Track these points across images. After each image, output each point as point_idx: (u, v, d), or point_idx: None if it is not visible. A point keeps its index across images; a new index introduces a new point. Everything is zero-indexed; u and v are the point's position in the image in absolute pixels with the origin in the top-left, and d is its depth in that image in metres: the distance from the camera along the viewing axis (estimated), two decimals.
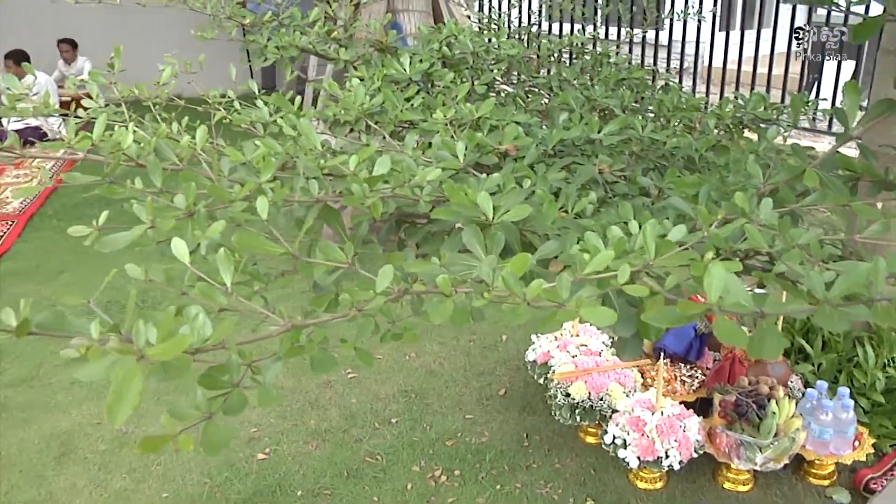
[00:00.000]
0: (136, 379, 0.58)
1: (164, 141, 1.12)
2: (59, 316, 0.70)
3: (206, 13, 2.29)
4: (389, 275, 0.80)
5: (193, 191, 0.94)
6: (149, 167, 1.03)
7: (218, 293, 0.77)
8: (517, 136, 1.55)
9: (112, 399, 0.58)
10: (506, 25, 2.91)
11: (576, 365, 3.27)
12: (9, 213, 6.64)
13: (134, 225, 1.00)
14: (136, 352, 0.60)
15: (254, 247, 0.84)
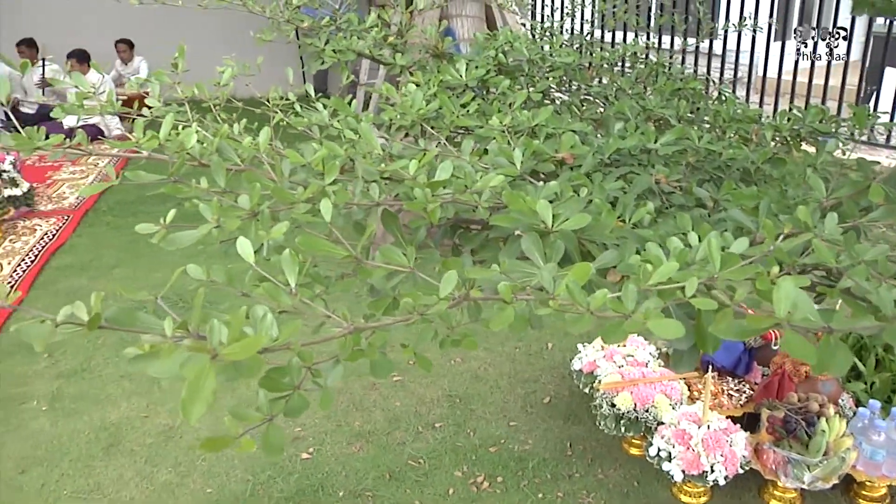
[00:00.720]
0: (210, 377, 0.59)
1: (225, 141, 1.14)
2: (128, 312, 0.72)
3: (266, 16, 2.32)
4: (453, 281, 0.80)
5: (258, 191, 0.95)
6: (213, 167, 1.04)
7: (283, 294, 0.78)
8: (574, 144, 1.54)
9: (187, 396, 0.59)
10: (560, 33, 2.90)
11: (622, 375, 3.25)
12: (65, 208, 6.80)
13: (188, 222, 1.01)
14: (210, 350, 0.60)
15: (317, 249, 0.85)
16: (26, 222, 6.42)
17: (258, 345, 0.60)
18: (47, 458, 3.37)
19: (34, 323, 0.71)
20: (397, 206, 1.09)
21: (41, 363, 4.17)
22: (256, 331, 0.67)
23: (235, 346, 0.59)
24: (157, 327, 0.69)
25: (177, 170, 1.05)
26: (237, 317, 0.64)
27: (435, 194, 1.03)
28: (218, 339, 0.62)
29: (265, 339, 0.61)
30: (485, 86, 2.07)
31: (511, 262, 0.96)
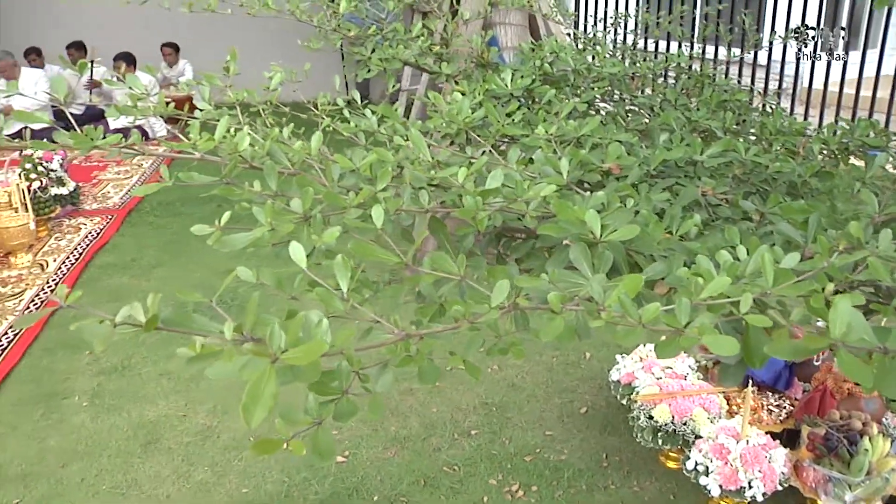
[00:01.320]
0: (271, 382, 0.60)
1: (275, 145, 1.15)
2: (183, 313, 0.73)
3: (313, 24, 2.34)
4: (505, 290, 0.80)
5: (311, 196, 0.96)
6: (265, 171, 1.06)
7: (335, 299, 0.79)
8: (620, 154, 1.54)
9: (248, 400, 0.59)
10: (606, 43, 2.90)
11: (660, 387, 3.22)
12: (109, 207, 6.91)
13: (235, 224, 1.03)
14: (270, 355, 0.61)
15: (369, 255, 0.86)
16: (71, 221, 6.54)
17: (320, 351, 0.60)
18: (87, 453, 3.43)
19: (93, 323, 0.73)
20: (444, 213, 1.09)
21: (83, 360, 4.24)
22: (311, 335, 0.67)
23: (297, 351, 0.60)
24: (211, 329, 0.70)
25: (230, 172, 1.06)
26: (295, 322, 0.64)
27: (486, 203, 1.03)
28: (278, 343, 0.63)
29: (326, 346, 0.62)
30: (530, 95, 2.07)
31: (560, 272, 0.96)
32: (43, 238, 6.08)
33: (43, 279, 5.32)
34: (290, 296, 0.93)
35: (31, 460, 3.39)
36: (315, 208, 0.97)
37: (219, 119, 1.35)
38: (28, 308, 4.88)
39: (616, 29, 4.34)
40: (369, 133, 1.64)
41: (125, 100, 5.56)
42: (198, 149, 1.06)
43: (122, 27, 10.51)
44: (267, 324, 0.70)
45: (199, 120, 1.30)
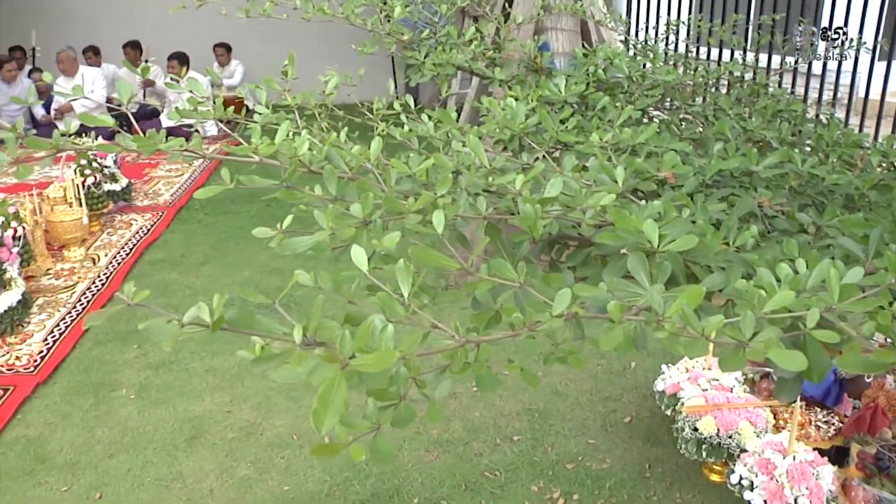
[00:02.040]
0: (342, 387, 0.60)
1: (333, 150, 1.16)
2: (247, 315, 0.74)
3: (367, 29, 2.36)
4: (567, 298, 0.80)
5: (371, 200, 0.97)
6: (325, 175, 1.07)
7: (397, 304, 0.80)
8: (675, 163, 1.53)
9: (318, 405, 0.60)
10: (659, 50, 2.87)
11: (706, 399, 3.18)
12: (160, 204, 7.03)
13: (270, 225, 1.04)
14: (341, 360, 0.62)
15: (429, 260, 0.86)
16: (123, 216, 6.67)
17: (391, 359, 0.61)
18: (133, 445, 3.49)
19: (161, 322, 0.74)
20: (499, 219, 1.09)
21: (131, 353, 4.31)
22: (377, 341, 0.68)
23: (367, 358, 0.60)
24: (275, 331, 0.71)
25: (290, 176, 1.07)
26: (363, 327, 0.65)
27: (545, 210, 1.03)
28: (348, 348, 0.63)
29: (397, 355, 0.62)
30: (584, 102, 2.06)
31: (616, 281, 0.95)
32: (95, 233, 6.21)
33: (94, 273, 5.43)
34: (347, 299, 0.94)
35: (79, 449, 3.46)
36: (375, 213, 0.97)
37: (277, 123, 1.37)
38: (79, 300, 4.97)
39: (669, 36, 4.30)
40: (422, 137, 1.64)
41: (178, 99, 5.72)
42: (258, 153, 1.08)
43: (177, 27, 10.70)
44: (329, 328, 0.71)
45: (258, 123, 1.32)
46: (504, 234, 1.16)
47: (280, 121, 1.35)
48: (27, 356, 4.25)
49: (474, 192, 1.13)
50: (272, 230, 0.98)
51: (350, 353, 0.63)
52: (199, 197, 1.09)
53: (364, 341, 0.64)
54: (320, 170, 1.12)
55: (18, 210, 5.04)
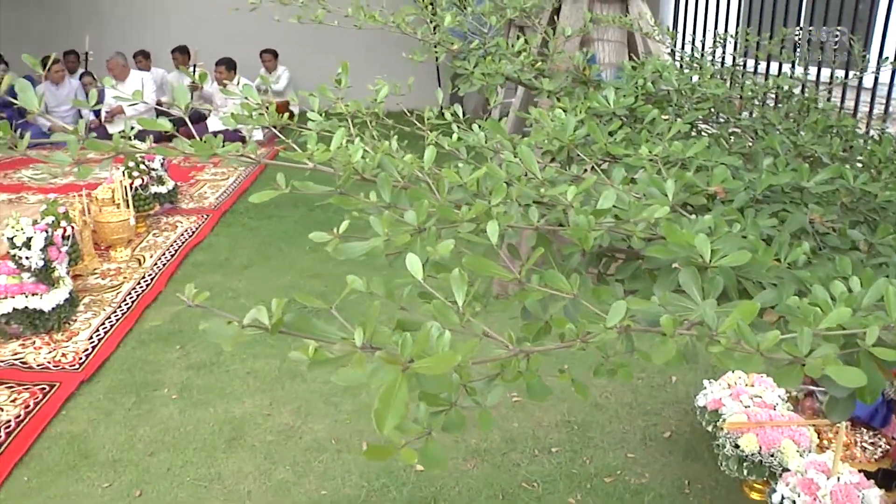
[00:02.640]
0: (402, 389, 0.61)
1: (386, 158, 1.17)
2: (304, 319, 0.75)
3: (417, 38, 2.37)
4: (622, 311, 0.80)
5: (426, 208, 0.98)
6: (378, 183, 1.08)
7: (451, 312, 0.80)
8: (725, 178, 1.52)
9: (380, 406, 0.61)
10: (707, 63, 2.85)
11: (748, 416, 3.15)
12: (205, 207, 7.13)
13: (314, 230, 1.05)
14: (402, 363, 0.63)
15: (483, 269, 0.87)
16: (169, 218, 6.77)
17: (451, 363, 0.61)
18: (174, 444, 3.53)
19: (221, 323, 0.76)
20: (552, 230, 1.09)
21: (174, 353, 4.37)
22: (434, 347, 0.68)
23: (428, 361, 0.61)
24: (331, 335, 0.72)
25: (344, 183, 1.09)
26: (423, 333, 0.66)
27: (597, 223, 1.03)
28: (409, 352, 0.64)
29: (457, 358, 0.63)
30: (632, 114, 2.06)
31: (669, 296, 0.95)
32: (141, 234, 6.31)
33: (140, 273, 5.51)
34: (399, 306, 0.95)
35: (121, 447, 3.51)
36: (429, 221, 0.98)
37: (330, 130, 1.39)
38: (124, 300, 5.06)
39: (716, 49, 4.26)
40: (471, 147, 1.65)
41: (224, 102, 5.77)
42: (314, 159, 1.09)
43: (225, 32, 10.87)
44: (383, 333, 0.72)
45: (312, 131, 1.33)
46: (554, 246, 1.16)
47: (333, 128, 1.37)
48: (73, 353, 4.34)
49: (525, 202, 1.13)
50: (328, 235, 1.00)
51: (409, 356, 0.64)
52: (254, 201, 1.11)
53: (423, 346, 0.65)
54: (373, 177, 1.13)
55: (68, 210, 5.14)
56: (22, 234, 4.59)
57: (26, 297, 4.53)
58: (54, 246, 4.73)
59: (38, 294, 4.57)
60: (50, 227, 4.75)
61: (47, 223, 4.77)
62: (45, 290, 4.62)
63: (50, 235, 4.71)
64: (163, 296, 5.18)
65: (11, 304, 4.49)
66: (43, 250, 4.63)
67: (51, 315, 4.59)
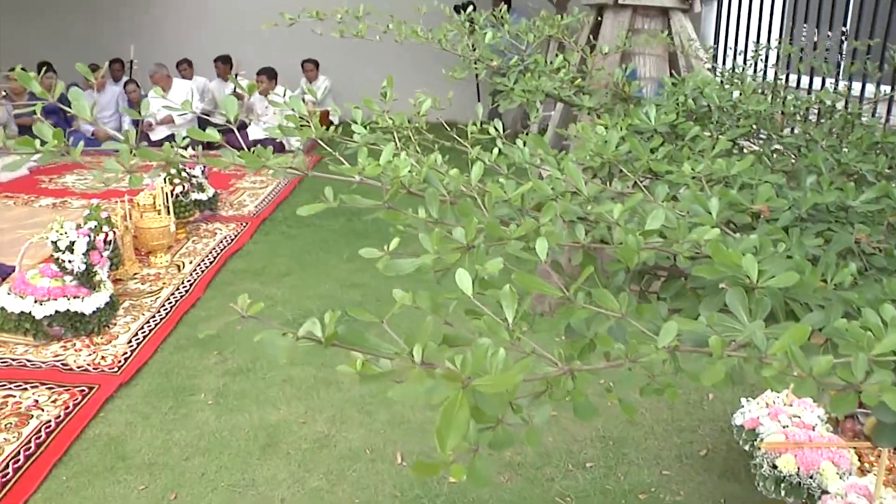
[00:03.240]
0: (464, 407, 0.61)
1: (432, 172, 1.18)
2: (357, 332, 0.76)
3: (458, 54, 2.39)
4: (673, 331, 0.80)
5: (474, 225, 0.98)
6: (426, 198, 1.09)
7: (501, 329, 0.81)
8: (770, 196, 1.51)
9: (442, 425, 0.61)
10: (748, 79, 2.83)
11: (786, 436, 3.10)
12: (244, 215, 7.20)
13: (351, 240, 1.06)
14: (463, 382, 0.63)
15: (532, 287, 0.87)
16: (208, 225, 6.85)
17: (513, 381, 0.62)
18: (209, 449, 3.56)
19: (276, 335, 0.77)
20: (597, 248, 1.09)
21: (211, 359, 4.41)
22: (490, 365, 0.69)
23: (490, 379, 0.62)
24: (383, 349, 0.73)
25: (392, 197, 1.10)
26: (480, 350, 0.66)
27: (647, 242, 1.03)
28: (469, 370, 0.64)
29: (519, 377, 0.63)
30: (673, 131, 2.05)
31: (714, 316, 0.95)
32: (181, 240, 6.39)
33: (179, 279, 5.58)
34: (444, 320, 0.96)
35: (157, 450, 3.55)
36: (477, 238, 0.99)
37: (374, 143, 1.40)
38: (163, 305, 5.12)
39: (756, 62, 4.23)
40: (512, 162, 1.65)
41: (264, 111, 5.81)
42: (364, 174, 1.10)
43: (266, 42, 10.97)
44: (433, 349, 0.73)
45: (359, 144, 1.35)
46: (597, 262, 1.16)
47: (378, 141, 1.38)
48: (112, 357, 4.39)
49: (569, 218, 1.13)
50: (377, 251, 1.01)
51: (469, 374, 0.64)
52: (302, 213, 1.13)
53: (480, 364, 0.65)
54: (419, 191, 1.14)
55: (110, 215, 5.22)
56: (65, 238, 4.67)
57: (68, 299, 4.61)
58: (96, 250, 4.81)
59: (79, 297, 4.65)
60: (92, 232, 4.82)
61: (90, 228, 4.85)
62: (87, 294, 4.69)
63: (92, 240, 4.78)
64: (201, 302, 5.23)
65: (54, 306, 4.57)
66: (85, 254, 4.71)
67: (91, 318, 4.67)
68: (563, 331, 1.02)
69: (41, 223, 6.20)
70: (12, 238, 6.29)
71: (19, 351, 4.49)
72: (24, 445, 3.52)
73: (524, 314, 0.86)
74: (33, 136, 1.11)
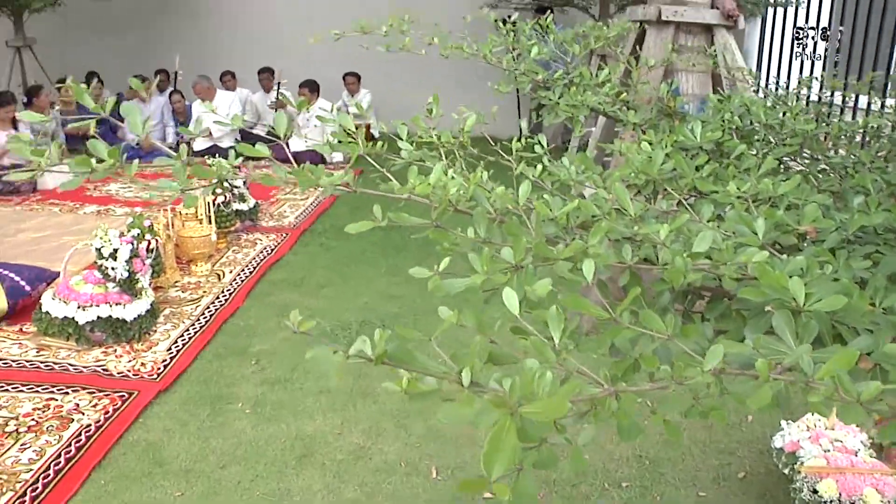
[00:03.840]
0: (511, 434, 0.62)
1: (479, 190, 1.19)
2: (406, 351, 0.76)
3: (503, 68, 2.40)
4: (719, 354, 0.80)
5: (523, 245, 0.99)
6: (475, 217, 1.09)
7: (548, 349, 0.81)
8: (817, 217, 1.49)
9: (489, 450, 0.62)
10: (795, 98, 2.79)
11: (827, 461, 3.05)
12: (284, 226, 7.27)
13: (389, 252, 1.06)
14: (511, 408, 0.63)
15: (579, 308, 0.87)
16: (249, 236, 6.92)
17: (563, 409, 0.62)
18: (245, 458, 3.58)
19: (328, 352, 0.78)
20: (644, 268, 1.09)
21: (249, 368, 4.45)
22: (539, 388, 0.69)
23: (539, 405, 0.62)
24: (432, 368, 0.74)
25: (440, 216, 1.10)
26: (528, 375, 0.67)
27: (695, 264, 1.03)
28: (517, 396, 0.65)
29: (567, 406, 0.63)
30: (719, 149, 2.04)
31: (761, 338, 0.94)
32: (221, 250, 6.46)
33: (218, 288, 5.64)
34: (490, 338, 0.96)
35: (194, 457, 3.58)
36: (525, 258, 0.99)
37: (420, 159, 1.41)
38: (203, 314, 5.17)
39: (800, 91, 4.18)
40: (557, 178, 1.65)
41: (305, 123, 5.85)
42: (414, 193, 1.11)
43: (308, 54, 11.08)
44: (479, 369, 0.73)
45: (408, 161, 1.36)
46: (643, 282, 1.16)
47: (424, 157, 1.39)
48: (151, 363, 4.45)
49: (615, 237, 1.13)
50: (427, 271, 1.01)
51: (517, 399, 0.65)
52: (351, 231, 1.14)
53: (528, 388, 0.66)
54: (466, 210, 1.14)
55: (153, 224, 5.30)
56: (109, 245, 4.75)
57: (110, 306, 4.68)
58: (139, 258, 4.88)
59: (121, 304, 4.72)
60: (135, 240, 4.90)
61: (133, 236, 4.92)
62: (129, 301, 4.76)
63: (135, 248, 4.85)
64: (240, 312, 5.28)
65: (96, 312, 4.64)
66: (128, 262, 4.78)
67: (132, 325, 4.73)
68: (608, 350, 1.02)
69: (85, 230, 6.32)
70: (58, 244, 6.41)
71: (62, 355, 4.57)
72: (65, 448, 3.58)
73: (570, 333, 0.86)
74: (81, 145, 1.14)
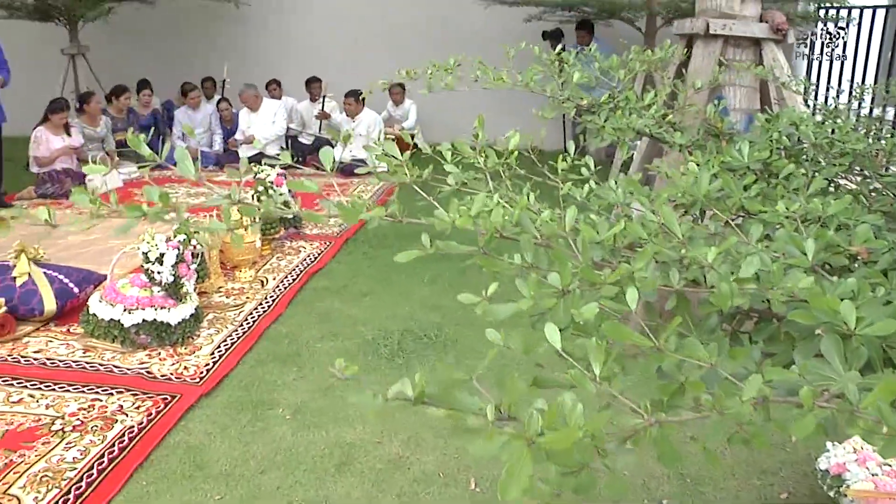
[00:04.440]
0: (526, 463, 0.63)
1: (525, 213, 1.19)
2: (447, 392, 0.77)
3: (546, 94, 2.40)
4: (757, 385, 0.79)
5: (570, 271, 0.99)
6: (521, 244, 1.10)
7: (588, 381, 0.81)
8: (868, 238, 1.47)
9: (505, 477, 0.63)
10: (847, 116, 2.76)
11: (875, 485, 2.99)
12: (328, 234, 7.32)
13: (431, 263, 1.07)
14: (527, 438, 0.64)
15: (622, 337, 0.87)
16: (292, 243, 6.99)
17: (573, 438, 0.63)
18: (284, 464, 3.60)
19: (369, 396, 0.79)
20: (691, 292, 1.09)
21: (290, 375, 4.48)
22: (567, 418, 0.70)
23: (552, 436, 0.63)
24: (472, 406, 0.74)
25: (487, 243, 1.11)
26: (553, 408, 0.67)
27: (742, 288, 1.02)
28: (536, 427, 0.66)
29: (579, 434, 0.64)
30: (767, 168, 2.01)
31: (809, 364, 0.93)
32: (266, 256, 6.53)
33: (262, 294, 5.70)
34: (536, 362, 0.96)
35: (234, 461, 3.61)
36: (573, 282, 0.99)
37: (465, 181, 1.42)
38: (246, 320, 5.23)
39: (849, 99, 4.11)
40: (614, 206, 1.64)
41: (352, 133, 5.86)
42: (456, 224, 1.12)
43: (354, 64, 11.22)
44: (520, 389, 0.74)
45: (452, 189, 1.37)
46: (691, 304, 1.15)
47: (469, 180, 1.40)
48: (194, 367, 4.51)
49: (662, 260, 1.13)
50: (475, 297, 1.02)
51: (538, 430, 0.65)
52: (400, 260, 1.15)
53: (553, 420, 0.66)
54: (512, 236, 1.15)
55: (197, 230, 5.37)
56: (156, 249, 4.83)
57: (155, 309, 4.75)
58: (184, 263, 4.95)
59: (166, 308, 4.79)
60: (181, 245, 4.97)
61: (179, 241, 4.99)
62: (173, 305, 4.83)
63: (181, 253, 4.92)
64: (282, 318, 5.33)
65: (142, 315, 4.72)
66: (174, 266, 4.86)
67: (176, 329, 4.80)
68: (655, 372, 1.02)
69: (132, 234, 6.42)
70: (105, 248, 6.53)
71: (107, 357, 4.65)
72: (108, 448, 3.64)
73: (617, 356, 0.86)
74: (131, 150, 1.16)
